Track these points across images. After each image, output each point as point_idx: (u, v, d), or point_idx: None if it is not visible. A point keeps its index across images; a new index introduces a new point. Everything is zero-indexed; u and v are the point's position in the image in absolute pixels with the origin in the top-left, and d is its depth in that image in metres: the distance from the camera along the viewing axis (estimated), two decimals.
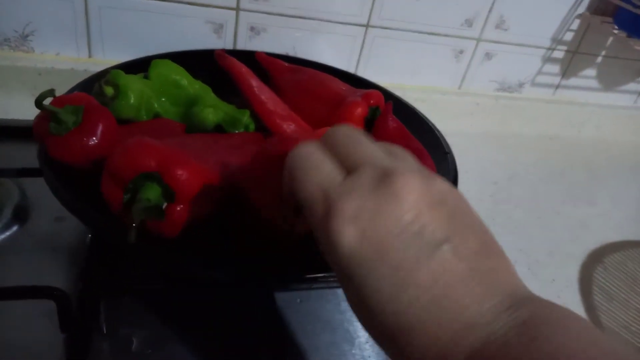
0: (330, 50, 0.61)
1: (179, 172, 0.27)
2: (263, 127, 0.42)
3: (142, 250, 0.29)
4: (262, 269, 0.30)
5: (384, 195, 0.19)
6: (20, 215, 0.40)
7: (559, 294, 0.48)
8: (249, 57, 0.48)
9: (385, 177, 0.20)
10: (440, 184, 0.20)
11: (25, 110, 0.50)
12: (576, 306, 0.47)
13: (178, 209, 0.28)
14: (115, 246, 0.35)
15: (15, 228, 0.39)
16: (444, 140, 0.45)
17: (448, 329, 0.18)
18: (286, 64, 0.49)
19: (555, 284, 0.49)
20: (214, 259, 0.29)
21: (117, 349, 0.33)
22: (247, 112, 0.42)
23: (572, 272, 0.51)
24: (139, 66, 0.42)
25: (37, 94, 0.31)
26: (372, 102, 0.43)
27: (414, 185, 0.19)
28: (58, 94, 0.33)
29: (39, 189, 0.41)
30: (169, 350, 0.34)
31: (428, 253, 0.19)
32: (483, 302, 0.18)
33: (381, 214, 0.19)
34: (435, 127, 0.47)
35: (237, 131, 0.41)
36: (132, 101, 0.37)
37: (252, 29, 0.57)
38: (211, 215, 0.31)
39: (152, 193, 0.27)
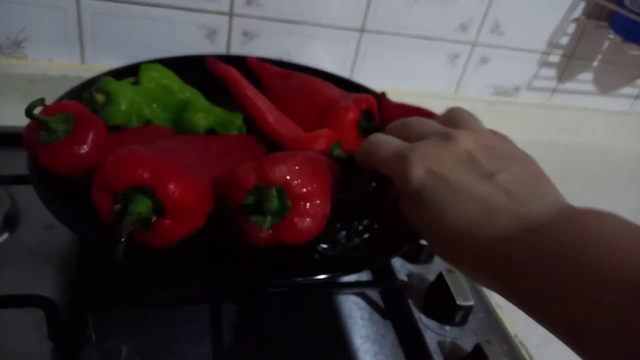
0: (324, 55, 0.61)
1: (171, 187, 0.27)
2: (254, 132, 0.42)
3: (131, 263, 0.29)
4: (248, 279, 0.30)
5: (444, 145, 0.26)
6: (10, 222, 0.40)
7: None
8: (240, 63, 0.48)
9: (445, 136, 0.27)
10: (491, 136, 0.28)
11: (17, 117, 0.50)
12: None
13: (167, 222, 0.28)
14: (105, 256, 0.35)
15: (4, 236, 0.39)
16: None
17: (494, 226, 0.23)
18: (277, 69, 0.49)
19: None
20: (200, 270, 0.29)
21: (106, 358, 0.33)
22: (240, 115, 0.41)
23: None
24: (130, 72, 0.41)
25: (29, 100, 0.31)
26: (364, 106, 0.42)
27: (467, 138, 0.27)
28: (50, 100, 0.33)
29: (29, 197, 0.41)
30: (158, 359, 0.33)
31: (482, 179, 0.25)
32: (530, 204, 0.24)
33: (441, 155, 0.26)
34: None
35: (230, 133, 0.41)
36: (123, 108, 0.37)
37: (245, 34, 0.57)
38: (201, 227, 0.31)
39: (142, 207, 0.27)
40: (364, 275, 0.43)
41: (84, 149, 0.31)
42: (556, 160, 0.72)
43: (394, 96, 0.52)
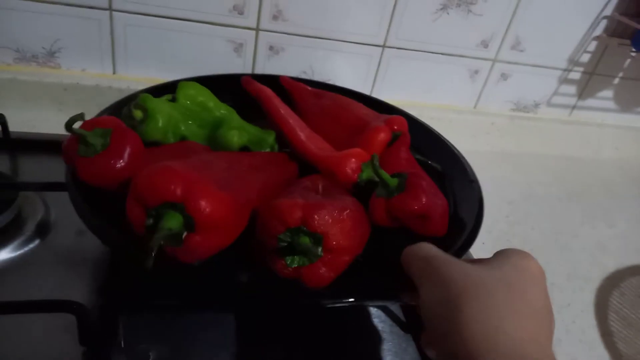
0: (347, 69, 0.62)
1: (203, 204, 0.27)
2: (286, 150, 0.42)
3: (159, 276, 0.29)
4: (270, 294, 0.31)
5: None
6: (43, 228, 0.41)
7: (575, 319, 0.47)
8: (271, 81, 0.48)
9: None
10: None
11: (51, 125, 0.52)
12: (592, 331, 0.46)
13: (198, 238, 0.28)
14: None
15: (37, 241, 0.40)
16: (470, 167, 0.44)
17: None
18: (309, 88, 0.50)
19: (571, 308, 0.48)
20: (228, 288, 0.30)
21: None
22: (273, 133, 0.42)
23: (588, 296, 0.50)
24: (166, 89, 0.42)
25: (63, 108, 0.32)
26: (395, 127, 0.42)
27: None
28: (84, 109, 0.34)
29: (62, 203, 0.42)
30: None
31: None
32: None
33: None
34: (461, 155, 0.46)
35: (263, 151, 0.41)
36: (160, 124, 0.38)
37: (271, 48, 0.59)
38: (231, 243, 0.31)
39: (173, 222, 0.27)
40: None
41: (121, 163, 0.32)
42: (578, 176, 0.72)
43: (415, 110, 0.53)
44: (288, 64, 0.59)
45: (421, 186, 0.35)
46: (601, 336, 0.46)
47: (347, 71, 0.62)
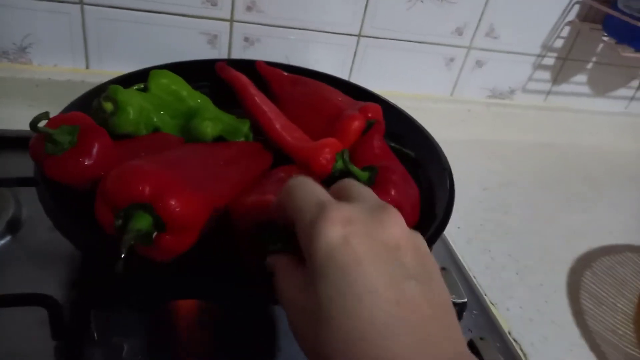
0: (323, 59, 0.62)
1: (172, 203, 0.27)
2: (261, 139, 0.42)
3: (129, 277, 0.29)
4: (248, 290, 0.31)
5: (377, 216, 0.22)
6: (15, 224, 0.41)
7: (547, 299, 0.48)
8: (246, 67, 0.48)
9: (379, 207, 0.22)
10: (420, 237, 0.23)
11: (23, 121, 0.50)
12: (564, 310, 0.47)
13: (168, 237, 0.28)
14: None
15: (8, 238, 0.40)
16: (443, 154, 0.45)
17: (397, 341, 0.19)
18: (286, 74, 0.49)
19: (544, 288, 0.49)
20: (200, 282, 0.30)
21: (108, 356, 0.34)
22: (248, 122, 0.42)
23: (561, 277, 0.51)
24: (138, 78, 0.42)
25: (34, 105, 0.31)
26: (370, 115, 0.42)
27: (401, 223, 0.22)
28: (55, 105, 0.33)
29: (34, 198, 0.42)
30: (159, 357, 0.34)
31: (400, 279, 0.20)
32: (439, 341, 0.20)
33: (369, 227, 0.21)
34: (435, 142, 0.46)
35: (237, 140, 0.41)
36: (131, 116, 0.37)
37: (246, 39, 0.59)
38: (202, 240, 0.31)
39: (142, 223, 0.27)
40: None
41: (89, 161, 0.31)
42: (553, 162, 0.73)
43: (392, 99, 0.53)
44: (264, 55, 0.59)
45: (391, 180, 0.34)
46: (573, 315, 0.47)
47: (323, 61, 0.62)
